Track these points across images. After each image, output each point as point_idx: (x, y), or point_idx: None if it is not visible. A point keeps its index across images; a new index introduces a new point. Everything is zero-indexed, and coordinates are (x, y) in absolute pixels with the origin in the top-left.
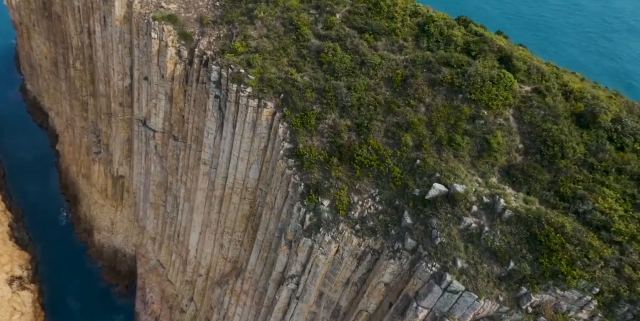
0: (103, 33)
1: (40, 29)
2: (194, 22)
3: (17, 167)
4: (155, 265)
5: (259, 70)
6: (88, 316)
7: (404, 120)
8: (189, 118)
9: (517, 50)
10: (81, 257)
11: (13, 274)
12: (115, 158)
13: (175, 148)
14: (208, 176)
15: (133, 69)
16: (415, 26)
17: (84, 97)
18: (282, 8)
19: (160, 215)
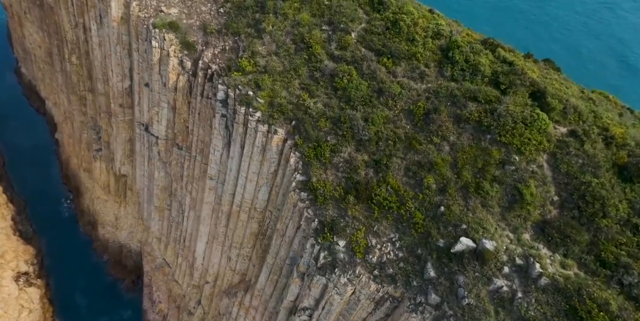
0: (99, 31)
1: (32, 17)
2: (196, 29)
3: (17, 155)
4: (162, 263)
5: (268, 93)
6: (96, 312)
7: (426, 160)
8: (193, 130)
9: (551, 83)
10: (86, 251)
11: (19, 270)
12: (117, 158)
13: (179, 156)
14: (214, 190)
15: (133, 72)
16: (438, 50)
17: (82, 92)
18: (292, 22)
19: (165, 218)
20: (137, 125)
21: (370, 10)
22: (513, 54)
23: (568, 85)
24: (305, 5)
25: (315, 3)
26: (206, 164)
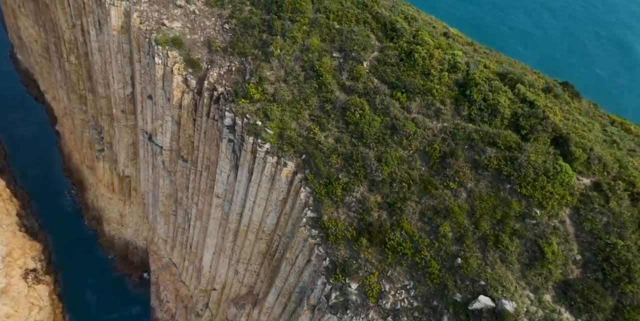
0: (99, 37)
1: (26, 11)
2: (201, 46)
3: (18, 145)
4: (168, 263)
5: (277, 124)
6: (105, 308)
7: (442, 206)
8: (199, 146)
9: (573, 127)
10: (93, 246)
11: (27, 267)
12: (120, 160)
13: (184, 168)
14: (221, 207)
15: (135, 80)
16: (454, 85)
17: (82, 91)
18: (301, 46)
19: (171, 223)
20: (141, 133)
21: (382, 36)
22: (533, 90)
23: (590, 125)
24: (315, 29)
25: (325, 27)
26: (213, 180)
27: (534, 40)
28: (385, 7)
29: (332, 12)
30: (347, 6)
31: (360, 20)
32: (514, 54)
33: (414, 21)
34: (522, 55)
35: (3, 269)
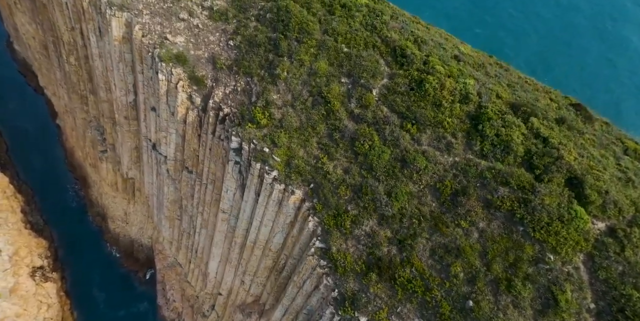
0: (99, 43)
1: (23, 8)
2: (205, 62)
3: (19, 139)
4: (173, 262)
5: (285, 151)
6: (112, 304)
7: (454, 245)
8: (204, 161)
9: (588, 166)
10: (98, 241)
11: (34, 265)
12: (124, 162)
13: (189, 179)
14: (227, 222)
15: (137, 89)
16: (466, 118)
17: (83, 92)
18: (309, 69)
19: (176, 227)
20: (144, 139)
21: (392, 61)
22: (547, 123)
23: (605, 160)
24: (323, 52)
25: (333, 50)
26: (218, 194)
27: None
28: (395, 29)
29: (340, 35)
30: (356, 28)
31: (369, 44)
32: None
33: (424, 44)
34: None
35: (11, 269)
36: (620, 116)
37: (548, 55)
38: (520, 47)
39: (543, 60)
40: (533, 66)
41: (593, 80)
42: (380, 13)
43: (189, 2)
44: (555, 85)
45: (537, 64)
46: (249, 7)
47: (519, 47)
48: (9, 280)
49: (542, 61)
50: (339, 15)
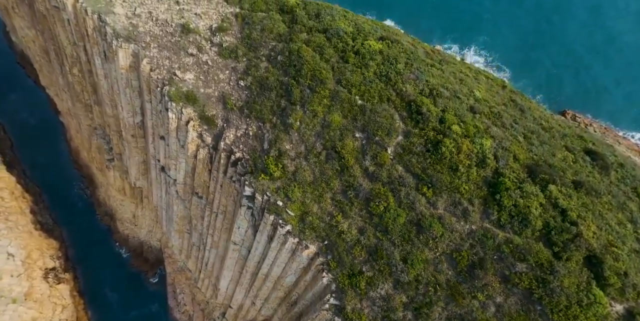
0: (104, 65)
1: (21, 13)
2: (215, 101)
3: (23, 134)
4: (183, 267)
5: (299, 206)
6: (124, 304)
7: (470, 317)
8: (215, 193)
9: (607, 243)
10: (108, 241)
11: (46, 267)
12: (132, 173)
13: (199, 203)
14: (239, 252)
15: (145, 115)
16: (483, 183)
17: (87, 101)
18: (322, 121)
19: (186, 239)
20: (152, 158)
21: (407, 117)
22: (565, 190)
23: (623, 231)
24: (336, 103)
25: (346, 102)
26: (229, 223)
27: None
28: (410, 80)
29: (354, 86)
30: (370, 79)
31: (383, 97)
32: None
33: (439, 97)
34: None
35: (24, 273)
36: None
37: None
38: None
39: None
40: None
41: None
42: (395, 61)
43: (197, 37)
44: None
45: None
46: (259, 46)
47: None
48: (23, 284)
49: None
50: (353, 63)
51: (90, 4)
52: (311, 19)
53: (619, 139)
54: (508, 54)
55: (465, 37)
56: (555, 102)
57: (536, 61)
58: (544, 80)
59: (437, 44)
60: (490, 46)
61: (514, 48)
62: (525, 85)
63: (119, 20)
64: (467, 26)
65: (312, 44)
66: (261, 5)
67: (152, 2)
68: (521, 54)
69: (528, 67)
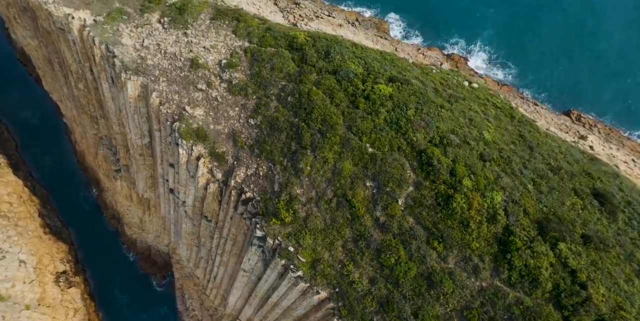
0: (112, 89)
1: (23, 23)
2: (226, 138)
3: (26, 134)
4: (191, 273)
5: (310, 253)
6: (134, 307)
7: None
8: (224, 222)
9: (615, 305)
10: (116, 242)
11: (57, 271)
12: (139, 186)
13: (208, 226)
14: (248, 278)
15: (154, 139)
16: (494, 240)
17: (93, 113)
18: (333, 168)
19: (194, 251)
20: (161, 178)
21: (418, 167)
22: (575, 247)
23: (631, 289)
24: (347, 151)
25: (357, 150)
26: (239, 249)
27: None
28: (420, 128)
29: (364, 134)
30: (381, 126)
31: (394, 146)
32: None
33: (449, 146)
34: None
35: (36, 279)
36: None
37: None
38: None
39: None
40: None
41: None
42: (405, 106)
43: (207, 72)
44: None
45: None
46: (269, 85)
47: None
48: (35, 290)
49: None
50: (363, 109)
51: (97, 33)
52: (321, 57)
53: (623, 140)
54: (514, 50)
55: (471, 31)
56: (560, 100)
57: (542, 58)
58: (550, 77)
59: (443, 40)
60: (496, 41)
61: (520, 44)
62: (530, 83)
63: (127, 52)
64: (472, 20)
65: (322, 86)
66: (270, 40)
67: (160, 33)
68: (527, 49)
69: (534, 64)
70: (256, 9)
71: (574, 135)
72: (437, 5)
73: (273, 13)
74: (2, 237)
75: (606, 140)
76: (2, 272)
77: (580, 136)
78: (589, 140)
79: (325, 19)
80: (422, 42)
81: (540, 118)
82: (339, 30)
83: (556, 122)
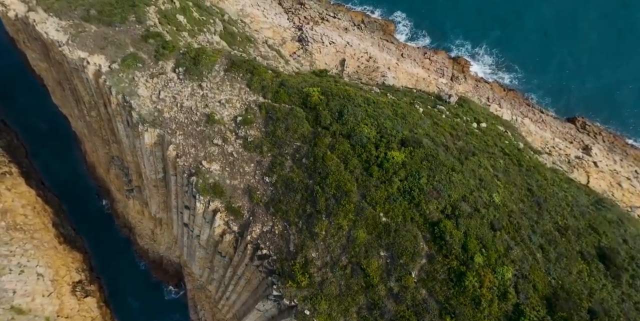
0: (127, 129)
1: (33, 47)
2: (242, 194)
3: (36, 141)
4: (203, 285)
5: (325, 318)
6: (147, 313)
7: None
8: (239, 266)
9: None
10: (128, 250)
11: (73, 280)
12: (152, 207)
13: (222, 260)
14: (263, 315)
15: (168, 179)
16: (504, 318)
17: (105, 137)
18: (347, 234)
19: (207, 272)
20: (174, 208)
21: (431, 240)
22: None
23: None
24: (361, 219)
25: (371, 219)
26: (253, 289)
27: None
28: (432, 199)
29: (378, 203)
30: (394, 196)
31: (407, 217)
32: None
33: (460, 217)
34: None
35: (54, 291)
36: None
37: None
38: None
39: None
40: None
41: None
42: (417, 174)
43: (222, 127)
44: None
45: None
46: (283, 144)
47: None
48: (54, 302)
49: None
50: (377, 177)
51: (113, 83)
52: (334, 118)
53: (627, 149)
54: (520, 53)
55: (477, 32)
56: (565, 105)
57: (548, 62)
58: (555, 82)
59: (449, 42)
60: (503, 44)
61: (525, 47)
62: (536, 87)
63: (144, 104)
64: (479, 22)
65: (336, 151)
66: (284, 97)
67: (176, 85)
68: (533, 53)
69: (539, 68)
70: (261, 11)
71: (578, 145)
72: (443, 3)
73: (278, 15)
74: (20, 251)
75: (610, 150)
76: (21, 287)
77: (585, 147)
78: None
79: (331, 21)
80: (429, 44)
81: (545, 129)
82: (345, 35)
83: (561, 131)
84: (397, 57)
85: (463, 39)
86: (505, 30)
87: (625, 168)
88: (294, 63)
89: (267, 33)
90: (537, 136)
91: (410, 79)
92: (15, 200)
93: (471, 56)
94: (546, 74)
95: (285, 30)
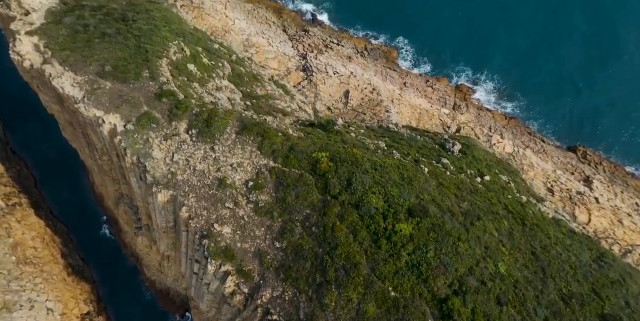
0: (139, 183)
1: (46, 91)
2: (252, 257)
3: (45, 169)
4: (210, 320)
5: None
6: None
7: None
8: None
9: None
10: (135, 278)
11: (81, 312)
12: (161, 246)
13: (231, 309)
14: None
15: (179, 235)
16: None
17: (115, 177)
18: (357, 307)
19: (214, 311)
20: (184, 254)
21: (439, 317)
22: None
23: None
24: (370, 293)
25: (380, 294)
26: None
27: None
28: (439, 274)
29: (387, 278)
30: (403, 271)
31: (415, 293)
32: None
33: (467, 293)
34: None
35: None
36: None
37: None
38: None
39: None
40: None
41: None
42: (425, 247)
43: (234, 191)
44: None
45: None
46: (293, 211)
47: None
48: None
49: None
50: (385, 250)
51: (128, 144)
52: (343, 186)
53: (627, 179)
54: (522, 80)
55: (478, 59)
56: (566, 134)
57: (550, 89)
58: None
59: (450, 69)
60: (504, 71)
61: (527, 75)
62: (538, 115)
63: (157, 166)
64: (480, 50)
65: (345, 221)
66: (294, 162)
67: (189, 147)
68: (535, 81)
69: (541, 95)
70: (266, 39)
71: (579, 176)
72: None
73: (282, 43)
74: (30, 286)
75: (611, 181)
76: None
77: (586, 178)
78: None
79: (334, 49)
80: (430, 70)
81: (547, 160)
82: (349, 65)
83: (562, 161)
84: (400, 86)
85: (464, 65)
86: (507, 59)
87: (626, 202)
88: (299, 96)
89: (272, 63)
90: (539, 169)
91: (413, 113)
92: (25, 232)
93: (472, 82)
94: (548, 101)
95: (289, 59)
